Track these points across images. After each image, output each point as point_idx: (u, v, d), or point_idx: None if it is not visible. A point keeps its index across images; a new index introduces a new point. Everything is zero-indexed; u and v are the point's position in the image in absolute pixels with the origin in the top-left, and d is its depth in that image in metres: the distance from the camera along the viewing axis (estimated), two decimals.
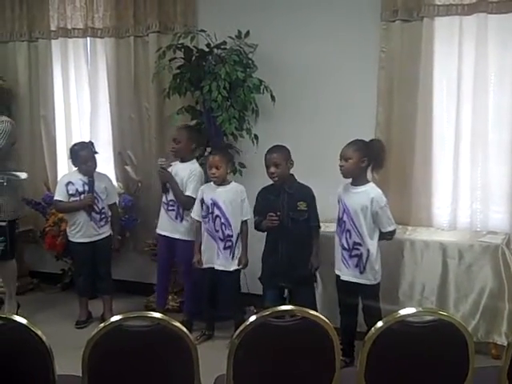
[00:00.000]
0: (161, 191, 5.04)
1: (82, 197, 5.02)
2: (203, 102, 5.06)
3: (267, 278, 4.52)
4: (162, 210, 5.04)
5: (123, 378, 2.57)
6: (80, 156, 5.02)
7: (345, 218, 4.16)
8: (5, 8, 6.07)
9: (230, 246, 4.66)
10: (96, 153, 5.10)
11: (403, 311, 2.59)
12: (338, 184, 4.30)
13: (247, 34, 5.16)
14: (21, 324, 2.55)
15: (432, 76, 4.82)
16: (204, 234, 4.71)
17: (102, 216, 5.10)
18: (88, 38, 5.89)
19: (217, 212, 4.64)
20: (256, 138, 5.13)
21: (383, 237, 4.17)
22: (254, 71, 5.12)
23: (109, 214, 5.17)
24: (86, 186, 5.02)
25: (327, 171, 4.62)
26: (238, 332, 2.55)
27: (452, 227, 4.86)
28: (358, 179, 4.16)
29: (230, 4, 5.29)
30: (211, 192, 4.68)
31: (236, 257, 4.69)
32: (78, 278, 5.35)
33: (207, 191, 4.71)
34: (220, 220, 4.63)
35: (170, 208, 4.98)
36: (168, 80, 5.22)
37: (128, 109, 5.79)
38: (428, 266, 4.49)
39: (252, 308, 4.87)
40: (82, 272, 5.24)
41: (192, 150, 4.98)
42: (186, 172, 4.92)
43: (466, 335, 2.56)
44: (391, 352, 2.57)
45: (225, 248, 4.65)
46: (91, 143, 5.15)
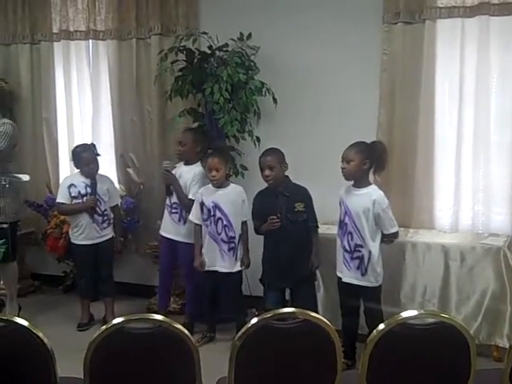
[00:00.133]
0: (164, 194, 5.04)
1: (84, 199, 5.02)
2: (205, 104, 5.06)
3: (268, 279, 4.53)
4: (165, 212, 5.04)
5: (125, 381, 2.57)
6: (82, 158, 5.02)
7: (346, 220, 4.16)
8: (7, 10, 6.08)
9: (233, 247, 4.67)
10: (98, 155, 5.10)
11: (405, 313, 2.59)
12: (339, 186, 4.30)
13: (249, 36, 5.17)
14: (22, 326, 2.56)
15: (434, 78, 4.81)
16: (205, 237, 4.71)
17: (104, 218, 5.10)
18: (90, 41, 5.90)
19: (219, 214, 4.63)
20: (258, 140, 5.13)
21: (386, 239, 4.17)
22: (255, 73, 5.12)
23: (111, 216, 5.17)
24: (89, 189, 5.02)
25: (329, 173, 4.62)
26: (239, 334, 2.54)
27: (454, 229, 4.85)
28: (360, 181, 4.16)
29: (232, 6, 5.29)
30: (211, 195, 4.67)
31: (238, 258, 4.70)
32: (79, 280, 5.36)
33: (207, 194, 4.70)
34: (222, 222, 4.63)
35: (173, 211, 4.98)
36: (170, 82, 5.22)
37: (130, 111, 5.80)
38: (430, 268, 4.49)
39: (253, 310, 4.86)
40: (84, 274, 5.23)
41: (197, 153, 4.97)
42: (190, 175, 4.92)
43: (468, 337, 2.56)
44: (393, 354, 2.56)
45: (229, 250, 4.66)
46: (93, 145, 5.15)
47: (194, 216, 4.77)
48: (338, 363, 2.60)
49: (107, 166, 5.63)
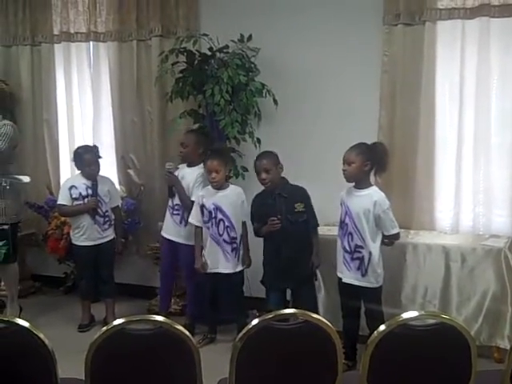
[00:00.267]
0: (166, 195, 5.04)
1: (85, 200, 5.01)
2: (206, 105, 5.07)
3: (269, 280, 4.53)
4: (167, 213, 5.05)
5: (126, 382, 2.57)
6: (84, 159, 5.02)
7: (347, 220, 4.16)
8: (8, 12, 6.09)
9: (236, 247, 4.68)
10: (100, 157, 5.10)
11: (406, 315, 2.59)
12: (340, 187, 4.30)
13: (250, 37, 5.17)
14: (23, 327, 2.55)
15: (434, 80, 4.82)
16: (207, 240, 4.71)
17: (105, 219, 5.10)
18: (91, 42, 5.91)
19: (220, 216, 4.64)
20: (258, 141, 5.13)
21: (387, 240, 4.17)
22: (256, 75, 5.12)
23: (112, 217, 5.17)
24: (90, 190, 5.02)
25: (329, 174, 4.63)
26: (240, 335, 2.54)
27: (454, 231, 4.86)
28: (361, 183, 4.16)
29: (233, 8, 5.30)
30: (212, 197, 4.67)
31: (240, 258, 4.71)
32: (80, 282, 5.35)
33: (207, 196, 4.70)
34: (224, 223, 4.64)
35: (175, 212, 4.98)
36: (170, 84, 5.23)
37: (130, 113, 5.80)
38: (430, 270, 4.48)
39: (254, 311, 4.87)
40: (85, 275, 5.23)
41: (199, 155, 4.95)
42: (192, 177, 4.92)
43: (469, 339, 2.56)
44: (394, 355, 2.56)
45: (232, 250, 4.67)
46: (96, 147, 5.15)
47: (195, 218, 4.76)
48: (338, 364, 2.60)
49: (108, 167, 5.62)
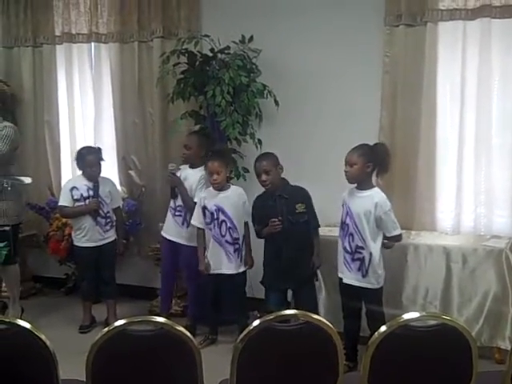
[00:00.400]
0: (167, 196, 5.04)
1: (86, 202, 5.02)
2: (207, 106, 5.07)
3: (270, 281, 4.53)
4: (168, 214, 5.05)
5: (127, 383, 2.57)
6: (86, 160, 5.02)
7: (348, 221, 4.16)
8: (9, 13, 6.10)
9: (238, 248, 4.69)
10: (102, 160, 5.10)
11: (407, 315, 2.58)
12: (341, 188, 4.29)
13: (251, 38, 5.17)
14: (24, 328, 2.55)
15: (436, 80, 4.82)
16: (209, 241, 4.71)
17: (107, 220, 5.10)
18: (92, 43, 5.91)
19: (222, 217, 4.64)
20: (260, 142, 5.13)
21: (387, 241, 4.17)
22: (257, 76, 5.12)
23: (114, 218, 5.17)
24: (91, 191, 5.02)
25: (331, 175, 4.63)
26: (241, 336, 2.54)
27: (456, 231, 4.85)
28: (363, 184, 4.16)
29: (234, 9, 5.30)
30: (213, 198, 4.68)
31: (243, 259, 4.72)
32: (82, 283, 5.35)
33: (209, 198, 4.70)
34: (226, 225, 4.64)
35: (177, 213, 4.98)
36: (172, 85, 5.23)
37: (132, 114, 5.81)
38: (432, 271, 4.48)
39: (255, 313, 4.87)
40: (87, 276, 5.23)
41: (202, 156, 4.94)
42: (195, 178, 4.92)
43: (470, 340, 2.55)
44: (395, 356, 2.56)
45: (234, 251, 4.67)
46: (99, 149, 5.14)
47: (197, 220, 4.76)
48: (339, 365, 2.60)
49: (109, 168, 5.62)
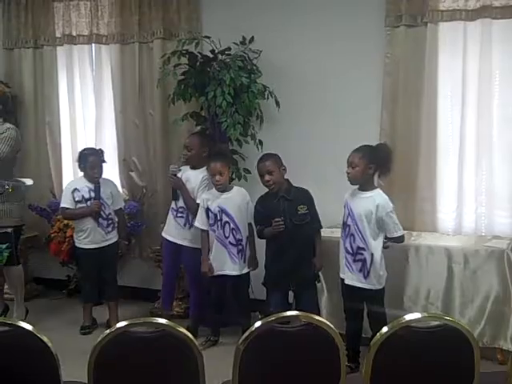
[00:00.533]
0: (168, 197, 5.03)
1: (88, 203, 5.01)
2: (208, 107, 5.06)
3: (272, 282, 4.53)
4: (170, 215, 5.03)
5: None
6: (88, 161, 5.01)
7: (349, 221, 4.16)
8: (10, 15, 6.11)
9: (242, 249, 4.69)
10: (104, 161, 5.10)
11: (408, 316, 2.58)
12: (342, 189, 4.29)
13: (251, 39, 5.18)
14: (26, 330, 2.55)
15: (436, 81, 4.82)
16: (213, 242, 4.70)
17: (109, 222, 5.09)
18: (93, 45, 5.92)
19: (225, 218, 4.64)
20: (261, 143, 5.14)
21: (392, 242, 4.17)
22: (258, 77, 5.12)
23: (115, 219, 5.16)
24: (92, 193, 5.01)
25: (332, 176, 4.64)
26: (243, 338, 2.54)
27: (457, 232, 4.86)
28: (365, 185, 4.16)
29: (235, 10, 5.30)
30: (216, 199, 4.67)
31: (247, 260, 4.72)
32: (83, 284, 5.35)
33: (212, 199, 4.69)
34: (230, 226, 4.64)
35: (179, 215, 4.97)
36: (173, 86, 5.23)
37: (133, 115, 5.81)
38: (433, 271, 4.47)
39: (257, 314, 4.86)
40: (89, 278, 5.23)
41: (204, 157, 4.94)
42: (197, 180, 4.90)
43: (472, 340, 2.55)
44: (397, 358, 2.56)
45: (238, 252, 4.67)
46: (101, 151, 5.14)
47: (200, 222, 4.76)
48: (341, 367, 2.59)
49: (110, 169, 5.62)
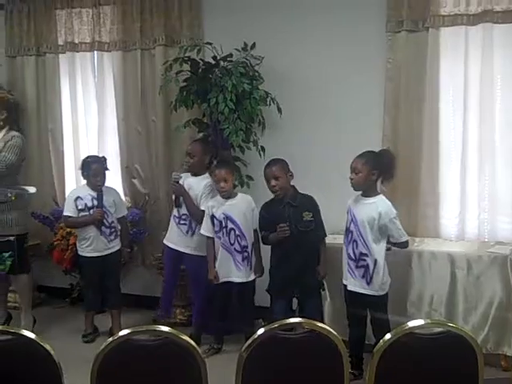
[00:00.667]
0: (170, 204, 5.03)
1: (91, 211, 5.00)
2: (210, 114, 5.06)
3: (276, 290, 4.52)
4: (172, 222, 5.02)
5: None
6: (91, 169, 5.00)
7: (352, 227, 4.16)
8: (13, 23, 6.12)
9: (247, 256, 4.68)
10: (107, 169, 5.10)
11: (412, 323, 2.58)
12: (345, 195, 4.29)
13: (253, 46, 5.19)
14: (29, 338, 2.56)
15: (438, 86, 4.82)
16: (218, 249, 4.70)
17: (111, 230, 5.08)
18: (95, 52, 5.93)
19: (231, 225, 4.63)
20: (263, 149, 5.13)
21: (396, 247, 4.17)
22: (260, 83, 5.12)
23: (118, 227, 5.15)
24: (95, 201, 5.00)
25: (334, 182, 4.64)
26: (246, 345, 2.54)
27: (460, 238, 4.85)
28: (368, 191, 4.16)
29: (236, 17, 5.30)
30: (221, 206, 4.67)
31: (252, 267, 4.71)
32: (86, 292, 5.34)
33: (217, 206, 4.69)
34: (235, 232, 4.63)
35: (181, 222, 4.95)
36: (175, 93, 5.23)
37: (135, 122, 5.81)
38: (436, 277, 4.47)
39: (260, 321, 4.85)
40: (91, 286, 5.22)
41: (206, 164, 4.95)
42: (199, 187, 4.89)
43: (475, 347, 2.55)
44: (400, 364, 2.55)
45: (243, 259, 4.66)
46: (104, 159, 5.14)
47: (206, 229, 4.75)
48: (344, 374, 2.59)
49: (113, 176, 5.62)
